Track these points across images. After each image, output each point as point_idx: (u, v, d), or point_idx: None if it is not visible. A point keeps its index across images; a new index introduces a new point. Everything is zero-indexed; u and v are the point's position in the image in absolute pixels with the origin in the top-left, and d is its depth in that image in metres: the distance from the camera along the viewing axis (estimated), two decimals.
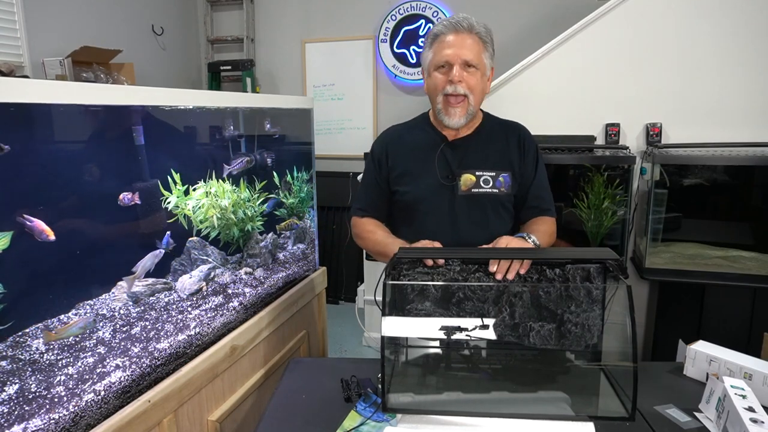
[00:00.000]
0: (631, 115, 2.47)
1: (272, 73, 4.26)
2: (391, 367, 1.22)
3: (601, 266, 1.15)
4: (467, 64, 1.35)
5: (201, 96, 1.55)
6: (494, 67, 1.44)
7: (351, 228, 1.57)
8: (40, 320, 1.05)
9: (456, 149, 1.44)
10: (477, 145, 1.45)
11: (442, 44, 1.36)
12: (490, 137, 1.47)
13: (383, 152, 1.50)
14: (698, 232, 2.39)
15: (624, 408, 1.06)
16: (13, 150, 0.97)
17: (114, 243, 1.24)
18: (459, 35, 1.35)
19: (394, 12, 3.84)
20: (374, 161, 1.51)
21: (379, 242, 1.44)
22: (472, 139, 1.46)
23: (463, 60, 1.34)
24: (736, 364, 1.21)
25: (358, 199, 1.56)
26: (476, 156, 1.44)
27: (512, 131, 1.50)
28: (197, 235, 1.50)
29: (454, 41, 1.35)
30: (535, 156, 1.49)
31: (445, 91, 1.36)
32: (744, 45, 2.31)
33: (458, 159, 1.43)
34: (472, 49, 1.35)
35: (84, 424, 1.08)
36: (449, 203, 1.42)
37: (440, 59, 1.36)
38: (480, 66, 1.37)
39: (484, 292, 1.17)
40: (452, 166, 1.43)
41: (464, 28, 1.35)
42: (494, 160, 1.44)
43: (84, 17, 3.15)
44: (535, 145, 1.50)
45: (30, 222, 0.99)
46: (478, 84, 1.37)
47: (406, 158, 1.47)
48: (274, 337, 1.80)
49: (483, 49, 1.37)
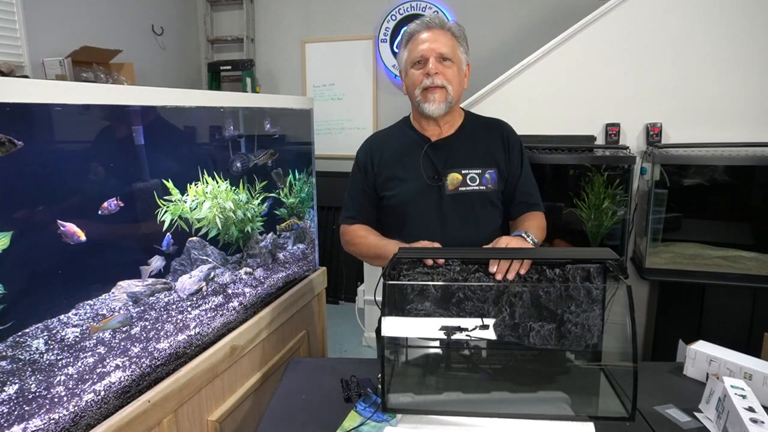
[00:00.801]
0: (631, 115, 2.47)
1: (272, 73, 4.26)
2: (391, 367, 1.22)
3: (601, 266, 1.14)
4: (443, 57, 1.37)
5: (201, 96, 1.55)
6: (470, 64, 1.47)
7: (341, 235, 1.55)
8: (40, 320, 1.05)
9: (440, 149, 1.45)
10: (460, 143, 1.46)
11: (417, 41, 1.40)
12: (473, 135, 1.48)
13: (368, 158, 1.50)
14: (698, 232, 2.39)
15: (624, 408, 1.06)
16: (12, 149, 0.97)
17: (114, 243, 1.24)
18: (432, 31, 1.39)
19: (394, 12, 3.84)
20: (360, 168, 1.52)
21: (374, 245, 1.43)
22: (455, 138, 1.47)
23: (438, 53, 1.37)
24: (736, 364, 1.21)
25: (345, 207, 1.55)
26: (460, 155, 1.44)
27: (495, 129, 1.50)
28: (196, 234, 1.50)
29: (427, 37, 1.38)
30: (519, 152, 1.49)
31: (423, 84, 1.38)
32: (744, 45, 2.31)
33: (443, 159, 1.44)
34: (446, 43, 1.38)
35: (84, 424, 1.08)
36: (437, 203, 1.42)
37: (416, 55, 1.39)
38: (455, 59, 1.39)
39: (484, 292, 1.17)
40: (437, 166, 1.43)
41: (436, 24, 1.40)
42: (479, 157, 1.44)
43: (84, 17, 3.15)
44: (519, 142, 1.51)
45: (63, 227, 1.00)
46: (455, 77, 1.39)
47: (391, 162, 1.47)
48: (274, 337, 1.80)
49: (457, 44, 1.41)
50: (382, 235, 1.48)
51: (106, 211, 1.16)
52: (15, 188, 0.98)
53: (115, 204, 1.18)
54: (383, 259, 1.33)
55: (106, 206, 1.16)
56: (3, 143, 0.92)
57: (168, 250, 1.37)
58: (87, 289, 1.16)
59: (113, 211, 1.18)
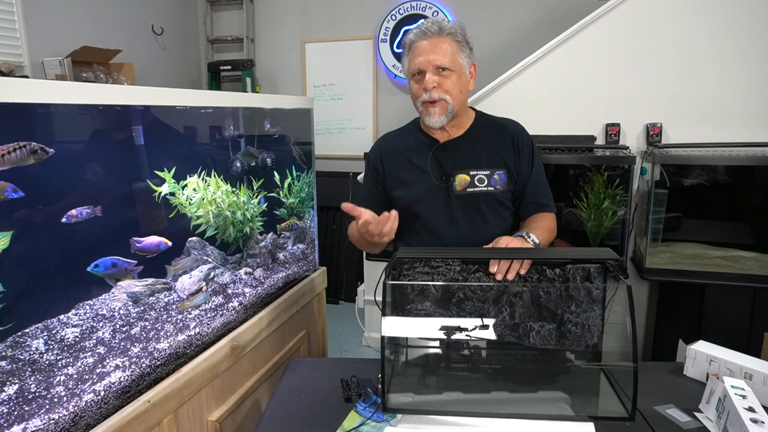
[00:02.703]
0: (631, 115, 2.47)
1: (272, 73, 4.26)
2: (391, 367, 1.22)
3: (601, 266, 1.14)
4: (440, 68, 1.36)
5: (201, 96, 1.55)
6: (476, 64, 1.45)
7: (349, 236, 1.54)
8: (40, 320, 1.05)
9: (448, 151, 1.45)
10: (469, 145, 1.46)
11: (415, 52, 1.38)
12: (482, 136, 1.47)
13: (378, 159, 1.51)
14: (698, 232, 2.39)
15: (624, 408, 1.06)
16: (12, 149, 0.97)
17: (114, 243, 1.24)
18: (429, 40, 1.36)
19: (394, 12, 3.84)
20: (371, 168, 1.54)
21: (356, 233, 1.40)
22: (464, 139, 1.47)
23: (434, 66, 1.35)
24: (736, 364, 1.21)
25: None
26: (469, 156, 1.44)
27: (505, 129, 1.50)
28: (194, 231, 1.49)
29: (425, 47, 1.36)
30: (530, 152, 1.49)
31: (422, 99, 1.38)
32: (744, 45, 2.31)
33: (451, 160, 1.44)
34: (445, 51, 1.36)
35: (84, 424, 1.08)
36: (445, 204, 1.42)
37: (414, 67, 1.38)
38: (455, 67, 1.37)
39: (484, 292, 1.17)
40: (446, 167, 1.43)
41: (434, 32, 1.37)
42: (487, 158, 1.44)
43: (84, 17, 3.15)
44: (530, 142, 1.50)
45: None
46: (454, 86, 1.38)
47: (400, 164, 1.48)
48: (274, 337, 1.80)
49: (458, 49, 1.38)
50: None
51: (74, 218, 1.05)
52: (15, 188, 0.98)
53: (88, 212, 1.09)
54: (365, 241, 1.33)
55: (75, 214, 1.06)
56: (35, 151, 0.92)
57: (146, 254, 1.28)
58: (87, 289, 1.16)
59: (82, 219, 1.07)
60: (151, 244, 1.02)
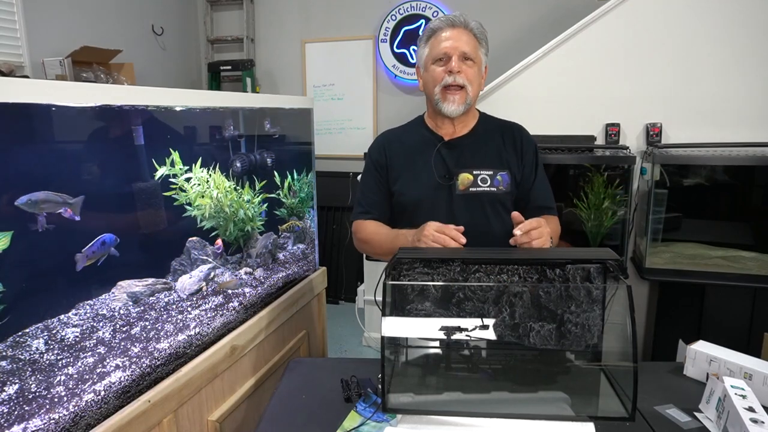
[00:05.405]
0: (631, 115, 2.47)
1: (272, 73, 4.26)
2: (391, 367, 1.22)
3: (601, 266, 1.14)
4: (465, 56, 1.38)
5: (201, 96, 1.55)
6: (488, 66, 1.47)
7: (353, 234, 1.53)
8: (40, 320, 1.05)
9: (452, 149, 1.45)
10: (473, 144, 1.46)
11: (440, 38, 1.39)
12: (487, 137, 1.47)
13: (381, 154, 1.50)
14: (698, 232, 2.39)
15: (624, 408, 1.06)
16: (13, 149, 0.97)
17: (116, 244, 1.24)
18: (456, 30, 1.39)
19: (394, 12, 3.84)
20: (373, 164, 1.52)
21: (393, 236, 1.39)
22: (469, 138, 1.47)
23: (461, 52, 1.37)
24: (736, 364, 1.21)
25: (358, 203, 1.53)
26: (473, 155, 1.44)
27: (508, 132, 1.50)
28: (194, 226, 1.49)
29: (451, 35, 1.38)
30: (533, 156, 1.49)
31: (445, 82, 1.38)
32: (744, 45, 2.31)
33: (455, 158, 1.44)
34: (469, 42, 1.39)
35: (84, 424, 1.08)
36: (447, 203, 1.42)
37: (438, 52, 1.39)
38: (477, 60, 1.40)
39: (484, 293, 1.17)
40: (449, 165, 1.43)
41: (461, 23, 1.40)
42: (491, 159, 1.44)
43: (84, 17, 3.15)
44: (533, 145, 1.50)
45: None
46: (475, 77, 1.40)
47: (404, 159, 1.47)
48: (274, 337, 1.80)
49: (478, 44, 1.41)
50: None
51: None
52: (15, 188, 0.98)
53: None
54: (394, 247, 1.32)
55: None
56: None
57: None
58: (87, 289, 1.16)
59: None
60: (96, 244, 0.99)
